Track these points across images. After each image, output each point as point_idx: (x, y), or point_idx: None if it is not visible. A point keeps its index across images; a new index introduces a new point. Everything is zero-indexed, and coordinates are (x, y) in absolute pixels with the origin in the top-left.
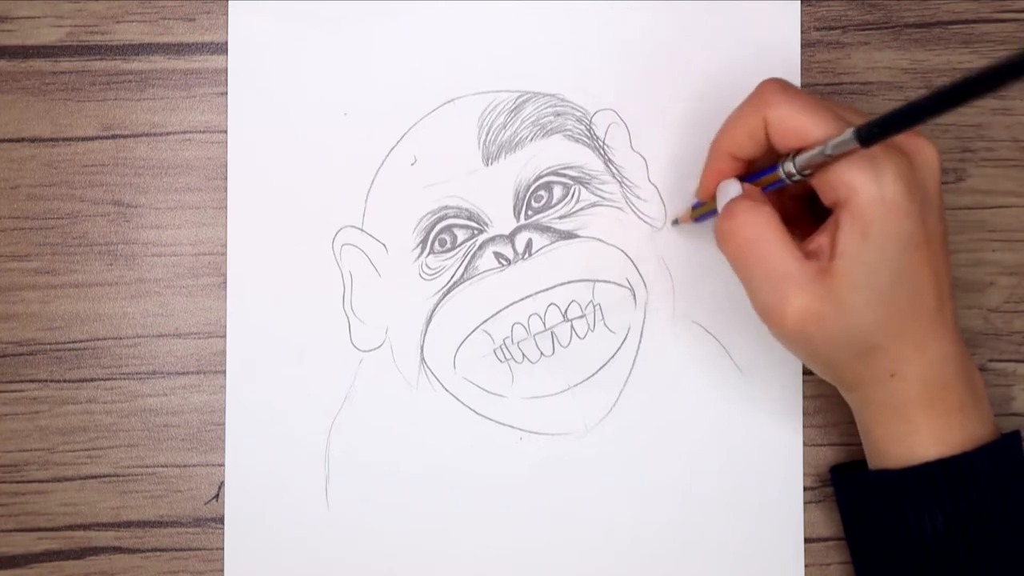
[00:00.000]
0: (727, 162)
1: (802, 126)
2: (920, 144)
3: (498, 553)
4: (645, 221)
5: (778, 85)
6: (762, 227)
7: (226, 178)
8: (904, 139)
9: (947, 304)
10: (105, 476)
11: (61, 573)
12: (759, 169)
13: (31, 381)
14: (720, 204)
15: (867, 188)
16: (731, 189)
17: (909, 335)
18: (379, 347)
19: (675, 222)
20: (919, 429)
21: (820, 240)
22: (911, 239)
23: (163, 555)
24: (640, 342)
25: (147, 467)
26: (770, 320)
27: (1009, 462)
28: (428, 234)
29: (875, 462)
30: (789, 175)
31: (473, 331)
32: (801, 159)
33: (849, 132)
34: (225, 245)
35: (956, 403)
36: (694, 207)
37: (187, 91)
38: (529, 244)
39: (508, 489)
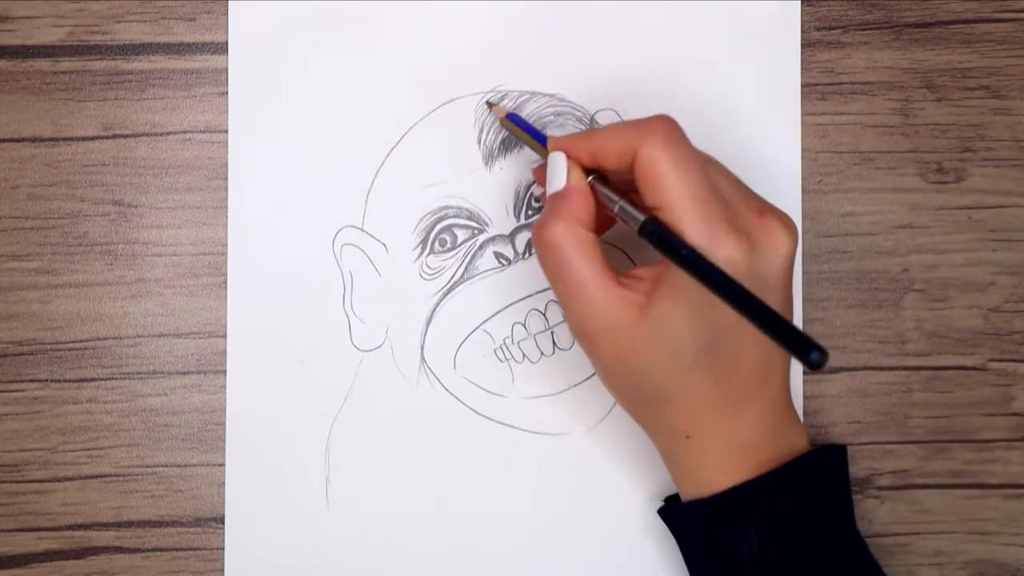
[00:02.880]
0: (584, 156)
1: (663, 175)
2: (773, 230)
3: (498, 553)
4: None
5: (670, 126)
6: (572, 250)
7: (226, 178)
8: (759, 221)
9: (773, 382)
10: (105, 476)
11: (61, 573)
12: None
13: (31, 381)
14: (547, 182)
15: None
16: (558, 174)
17: (711, 407)
18: (379, 347)
19: (490, 104)
20: (716, 481)
21: (645, 275)
22: (733, 326)
23: (163, 555)
24: None
25: (147, 467)
26: (570, 330)
27: (819, 475)
28: (428, 234)
29: (685, 495)
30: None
31: (473, 331)
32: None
33: (640, 219)
34: (225, 245)
35: (760, 459)
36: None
37: (187, 91)
38: (529, 244)
39: (508, 489)
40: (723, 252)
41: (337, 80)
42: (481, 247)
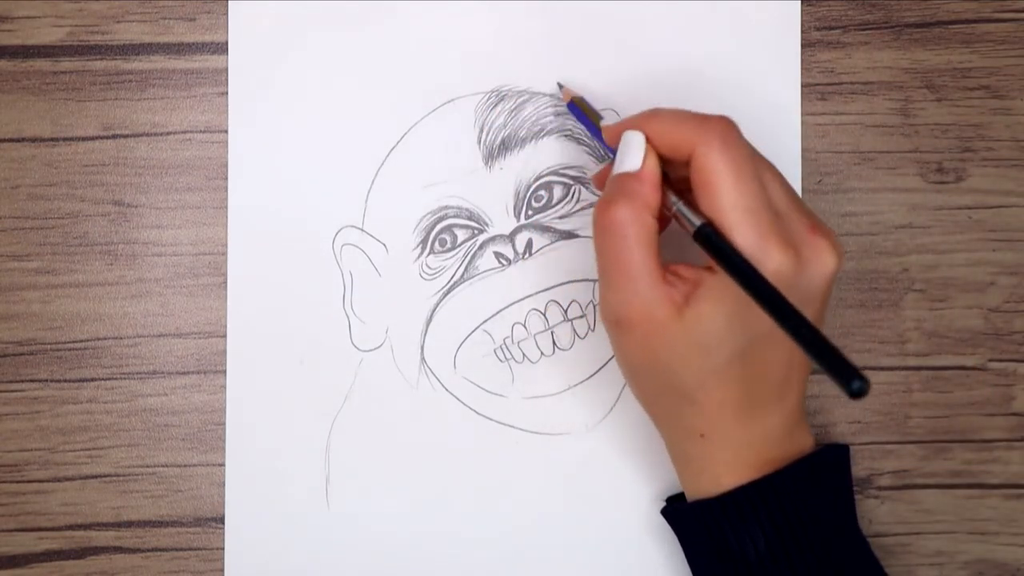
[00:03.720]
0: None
1: (718, 183)
2: (820, 247)
3: (498, 553)
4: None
5: (729, 129)
6: (634, 237)
7: (226, 178)
8: (810, 237)
9: (793, 391)
10: (105, 476)
11: (61, 573)
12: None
13: (31, 381)
14: (618, 159)
15: None
16: (633, 154)
17: (733, 410)
18: (379, 347)
19: (560, 85)
20: (723, 480)
21: (687, 275)
22: (767, 335)
23: (163, 555)
24: None
25: (147, 467)
26: (601, 312)
27: (825, 475)
28: (428, 234)
29: (691, 493)
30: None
31: (473, 331)
32: (679, 205)
33: (696, 223)
34: (225, 245)
35: (768, 459)
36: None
37: (187, 91)
38: (529, 244)
39: (508, 489)
40: (772, 264)
41: (337, 80)
42: (481, 247)
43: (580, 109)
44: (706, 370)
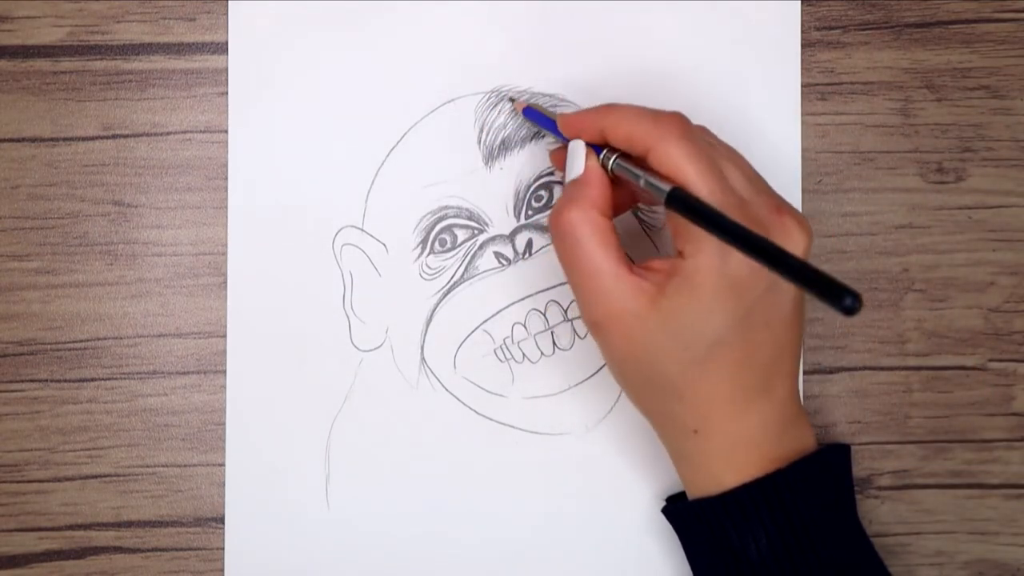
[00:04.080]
0: (592, 131)
1: (681, 175)
2: (788, 227)
3: (498, 553)
4: (644, 219)
5: (684, 125)
6: (587, 236)
7: (226, 178)
8: (776, 219)
9: (782, 380)
10: (105, 476)
11: (61, 573)
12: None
13: (31, 381)
14: (567, 170)
15: (712, 257)
16: (577, 162)
17: (721, 402)
18: (379, 347)
19: (512, 100)
20: (723, 478)
21: (659, 267)
22: (745, 318)
23: (163, 555)
24: None
25: (147, 467)
26: (583, 319)
27: (827, 475)
28: (428, 234)
29: (691, 492)
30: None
31: (473, 331)
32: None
33: (665, 190)
34: (225, 245)
35: (768, 457)
36: (545, 125)
37: (187, 91)
38: (529, 244)
39: (508, 489)
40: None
41: (337, 80)
42: (481, 247)
43: (537, 111)
44: (689, 361)
